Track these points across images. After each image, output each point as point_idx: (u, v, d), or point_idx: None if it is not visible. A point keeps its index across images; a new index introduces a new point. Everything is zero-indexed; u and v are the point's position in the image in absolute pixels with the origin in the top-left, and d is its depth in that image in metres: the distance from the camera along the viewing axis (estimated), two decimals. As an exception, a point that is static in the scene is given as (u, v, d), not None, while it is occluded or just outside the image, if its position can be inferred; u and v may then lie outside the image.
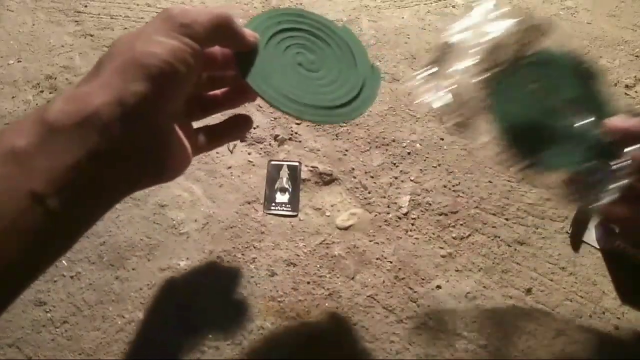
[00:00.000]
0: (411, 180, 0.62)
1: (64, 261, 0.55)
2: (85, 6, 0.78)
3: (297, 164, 0.62)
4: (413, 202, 0.60)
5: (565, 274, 0.56)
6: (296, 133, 0.65)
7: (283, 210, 0.59)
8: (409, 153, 0.64)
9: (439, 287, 0.55)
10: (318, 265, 0.56)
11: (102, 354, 0.51)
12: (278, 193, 0.60)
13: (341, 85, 0.40)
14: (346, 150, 0.64)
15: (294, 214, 0.59)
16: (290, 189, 0.61)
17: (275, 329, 0.52)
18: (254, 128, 0.65)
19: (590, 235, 0.59)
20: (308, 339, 0.52)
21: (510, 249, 0.57)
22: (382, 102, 0.68)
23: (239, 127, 0.42)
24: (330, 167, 0.62)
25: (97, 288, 0.54)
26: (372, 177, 0.62)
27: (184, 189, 0.60)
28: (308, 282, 0.55)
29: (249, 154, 0.63)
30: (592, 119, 0.41)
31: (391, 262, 0.56)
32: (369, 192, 0.61)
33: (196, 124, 0.40)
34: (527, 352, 0.52)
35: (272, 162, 0.63)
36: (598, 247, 0.58)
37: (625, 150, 0.39)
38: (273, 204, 0.60)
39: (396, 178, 0.62)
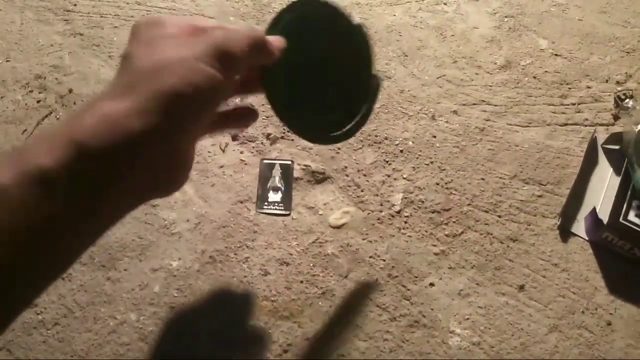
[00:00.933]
0: (404, 178, 0.61)
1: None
2: (75, 5, 0.77)
3: (289, 162, 0.62)
4: (406, 200, 0.60)
5: (558, 271, 0.56)
6: (288, 132, 0.65)
7: (276, 209, 0.59)
8: (401, 151, 0.63)
9: (432, 284, 0.55)
10: (311, 264, 0.56)
11: (94, 356, 0.50)
12: (270, 192, 0.60)
13: (346, 100, 0.41)
14: (338, 149, 0.63)
15: (287, 212, 0.59)
16: (282, 188, 0.60)
17: (268, 328, 0.52)
18: (246, 127, 0.65)
19: (580, 227, 0.59)
20: (302, 338, 0.52)
21: (502, 246, 0.57)
22: (375, 100, 0.68)
23: (244, 119, 0.43)
24: (322, 165, 0.62)
25: (88, 289, 0.54)
26: (365, 175, 0.62)
27: (176, 189, 0.60)
28: (301, 281, 0.55)
29: (241, 152, 0.63)
30: None
31: (384, 260, 0.56)
32: (362, 191, 0.61)
33: None
34: (520, 349, 0.52)
35: (265, 161, 0.62)
36: (587, 238, 0.58)
37: None
38: (265, 203, 0.59)
39: (389, 176, 0.62)
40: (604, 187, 0.61)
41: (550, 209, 0.60)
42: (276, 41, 0.36)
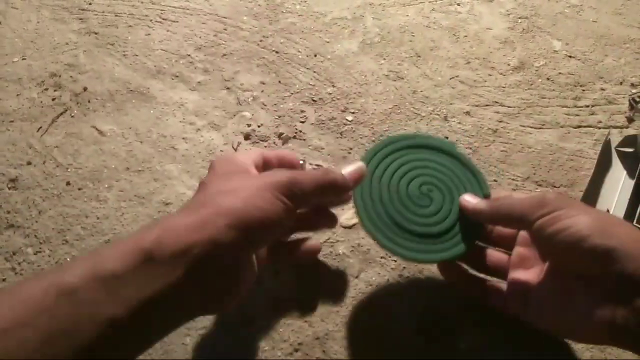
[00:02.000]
0: (415, 179, 0.61)
1: (68, 259, 0.55)
2: (90, 4, 0.78)
3: (301, 162, 0.62)
4: (417, 200, 0.60)
5: (570, 273, 0.56)
6: (300, 131, 0.65)
7: (287, 208, 0.59)
8: (413, 151, 0.63)
9: (443, 286, 0.55)
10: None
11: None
12: (282, 191, 0.60)
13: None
14: (350, 149, 0.64)
15: (298, 212, 0.59)
16: (294, 187, 0.61)
17: (279, 327, 0.52)
18: (259, 126, 0.65)
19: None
20: (312, 338, 0.52)
21: (514, 248, 0.57)
22: (387, 101, 0.68)
23: (322, 223, 0.50)
24: (334, 165, 0.62)
25: (101, 286, 0.54)
26: (377, 175, 0.62)
27: (188, 187, 0.60)
28: (312, 281, 0.55)
29: (253, 152, 0.63)
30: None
31: (395, 261, 0.56)
32: (373, 191, 0.61)
33: None
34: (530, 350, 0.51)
35: (277, 160, 0.63)
36: None
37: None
38: (277, 202, 0.60)
39: (400, 176, 0.62)
40: (617, 190, 0.61)
41: (563, 211, 0.59)
42: (353, 174, 0.41)
